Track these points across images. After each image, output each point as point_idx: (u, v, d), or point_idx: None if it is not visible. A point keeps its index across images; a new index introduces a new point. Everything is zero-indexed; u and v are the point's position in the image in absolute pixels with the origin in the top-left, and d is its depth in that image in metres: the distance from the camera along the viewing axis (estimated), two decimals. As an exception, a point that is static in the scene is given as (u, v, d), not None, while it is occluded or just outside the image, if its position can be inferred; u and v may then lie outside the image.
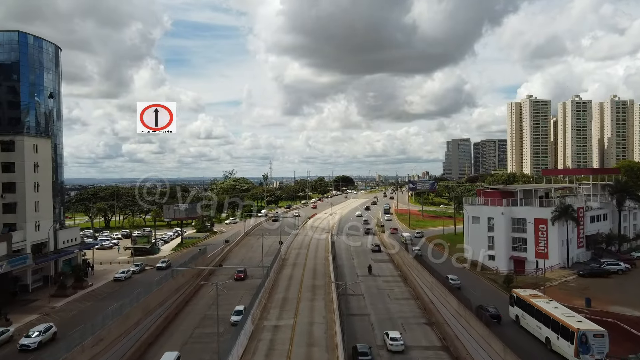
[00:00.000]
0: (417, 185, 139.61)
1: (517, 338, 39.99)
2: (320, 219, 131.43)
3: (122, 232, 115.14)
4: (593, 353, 35.65)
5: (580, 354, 35.79)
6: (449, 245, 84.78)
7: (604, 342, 35.82)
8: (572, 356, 36.35)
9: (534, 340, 41.99)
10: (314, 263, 74.61)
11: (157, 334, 44.37)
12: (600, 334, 36.10)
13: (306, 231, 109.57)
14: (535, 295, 45.52)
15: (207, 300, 57.31)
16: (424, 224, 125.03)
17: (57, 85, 69.84)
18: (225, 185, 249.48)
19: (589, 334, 35.95)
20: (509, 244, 69.37)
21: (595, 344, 35.76)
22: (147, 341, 41.97)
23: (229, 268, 68.84)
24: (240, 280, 64.92)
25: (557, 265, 63.99)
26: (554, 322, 39.40)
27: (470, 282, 62.44)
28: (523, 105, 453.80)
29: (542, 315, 41.34)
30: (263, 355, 38.30)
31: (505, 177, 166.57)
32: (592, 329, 36.60)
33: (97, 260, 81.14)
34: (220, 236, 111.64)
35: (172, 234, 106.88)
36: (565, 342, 37.29)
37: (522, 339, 40.79)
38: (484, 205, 73.64)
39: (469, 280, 62.91)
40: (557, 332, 38.79)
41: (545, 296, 46.54)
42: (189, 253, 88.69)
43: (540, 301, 43.20)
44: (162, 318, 48.48)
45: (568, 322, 37.76)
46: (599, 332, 36.25)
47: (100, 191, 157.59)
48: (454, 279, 61.50)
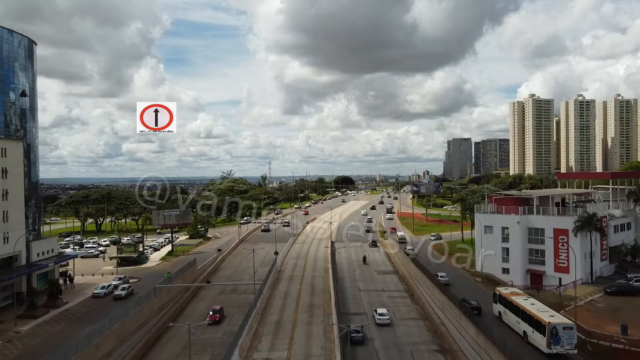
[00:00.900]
0: (420, 187, 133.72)
1: (499, 332, 42.07)
2: (317, 227, 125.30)
3: (111, 238, 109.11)
4: (563, 344, 38.89)
5: (552, 345, 39.00)
6: (457, 255, 79.00)
7: (572, 334, 39.07)
8: (545, 347, 39.52)
9: (514, 334, 45.11)
10: (312, 276, 68.74)
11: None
12: (569, 326, 39.40)
13: (304, 238, 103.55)
14: (516, 293, 48.78)
15: (195, 320, 51.52)
16: (429, 229, 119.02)
17: (31, 83, 63.90)
18: (223, 186, 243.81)
19: (559, 327, 39.12)
20: (525, 256, 63.54)
21: (564, 336, 38.88)
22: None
23: (217, 285, 62.42)
24: (215, 324, 48.95)
25: (580, 281, 58.09)
26: (529, 317, 42.65)
27: (485, 300, 56.59)
28: (525, 105, 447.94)
29: (520, 311, 44.64)
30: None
31: (511, 179, 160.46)
32: (561, 322, 39.94)
33: (79, 271, 75.27)
34: (214, 243, 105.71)
35: (162, 241, 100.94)
36: (539, 335, 40.47)
37: (503, 333, 43.20)
38: (497, 213, 67.73)
39: (482, 298, 57.05)
40: (532, 326, 41.95)
41: (524, 294, 49.29)
42: (179, 263, 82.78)
43: (519, 298, 46.51)
44: (140, 344, 42.69)
45: (541, 316, 41.00)
46: (567, 325, 39.55)
47: (92, 194, 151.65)
48: (443, 276, 64.90)
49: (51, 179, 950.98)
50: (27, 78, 62.66)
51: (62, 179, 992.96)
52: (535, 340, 41.34)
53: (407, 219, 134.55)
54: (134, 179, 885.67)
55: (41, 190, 78.01)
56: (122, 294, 59.37)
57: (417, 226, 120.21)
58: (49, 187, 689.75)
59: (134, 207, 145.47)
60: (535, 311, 42.42)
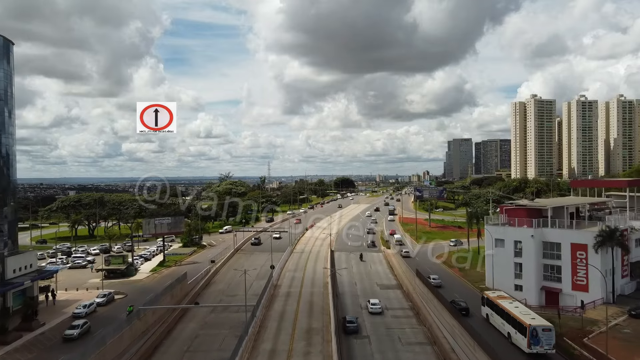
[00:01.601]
0: (423, 192, 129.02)
1: (486, 333, 45.72)
2: (315, 235, 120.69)
3: (101, 246, 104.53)
4: (542, 344, 41.22)
5: (532, 345, 41.45)
6: (466, 268, 74.58)
7: (551, 336, 41.36)
8: (526, 347, 41.87)
9: (500, 335, 47.31)
10: (311, 292, 64.15)
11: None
12: (548, 328, 41.59)
13: (303, 247, 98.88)
14: (502, 297, 51.08)
15: (181, 345, 47.15)
16: (432, 236, 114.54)
17: (7, 83, 59.48)
18: (220, 188, 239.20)
19: (538, 329, 41.41)
20: (539, 272, 59.00)
21: (544, 337, 41.17)
22: None
23: (205, 307, 57.53)
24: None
25: (600, 301, 53.65)
26: (513, 319, 44.91)
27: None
28: (527, 105, 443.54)
29: (505, 313, 46.86)
30: None
31: (516, 183, 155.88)
32: (541, 324, 41.96)
33: (63, 285, 70.89)
34: (209, 251, 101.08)
35: (154, 250, 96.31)
36: (521, 336, 42.76)
37: (490, 334, 46.51)
38: (509, 225, 63.21)
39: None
40: (515, 327, 44.25)
41: (509, 297, 51.93)
42: (170, 275, 78.40)
43: (504, 301, 48.81)
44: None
45: (523, 319, 43.20)
46: (547, 327, 41.71)
47: (84, 198, 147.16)
48: (435, 279, 67.78)
49: (51, 179, 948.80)
50: (2, 78, 58.14)
51: (61, 178, 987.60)
52: (518, 340, 43.69)
53: (410, 225, 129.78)
54: (134, 179, 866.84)
55: (17, 196, 73.10)
56: (74, 333, 47.68)
57: (419, 232, 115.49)
58: (48, 187, 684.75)
59: (128, 212, 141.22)
60: (518, 314, 44.82)
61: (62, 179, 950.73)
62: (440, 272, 74.65)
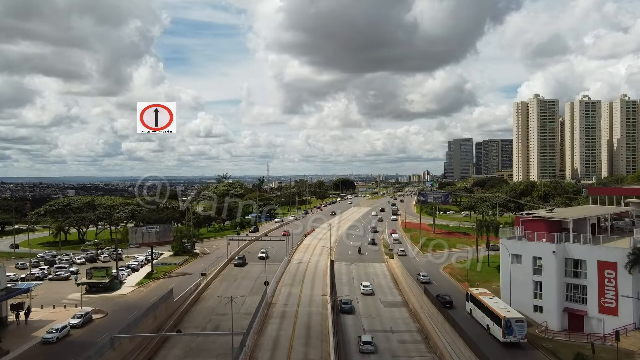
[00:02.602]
0: (427, 197, 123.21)
1: (469, 325, 49.95)
2: (314, 244, 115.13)
3: (88, 254, 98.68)
4: (515, 334, 45.50)
5: (506, 335, 45.64)
6: (477, 284, 68.83)
7: (523, 326, 45.71)
8: (501, 337, 46.08)
9: (481, 327, 51.38)
10: (309, 312, 58.38)
11: None
12: (520, 320, 46.07)
13: (301, 256, 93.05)
14: (483, 293, 55.25)
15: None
16: (438, 244, 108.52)
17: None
18: (218, 190, 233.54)
19: (512, 320, 45.77)
20: (561, 292, 53.25)
21: (517, 327, 45.52)
22: None
23: (188, 335, 51.43)
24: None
25: (632, 326, 48.01)
26: (491, 312, 49.16)
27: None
28: (530, 105, 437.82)
29: (484, 307, 51.14)
30: None
31: (523, 187, 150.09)
32: (514, 316, 46.41)
33: (40, 301, 65.20)
34: (201, 260, 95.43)
35: (142, 259, 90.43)
36: (497, 327, 46.97)
37: (472, 326, 50.88)
38: (527, 240, 57.40)
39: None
40: (493, 319, 48.51)
41: (490, 293, 55.33)
42: (157, 289, 72.80)
43: (485, 297, 53.10)
44: None
45: (499, 311, 47.50)
46: (519, 319, 46.20)
47: (74, 201, 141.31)
48: (424, 275, 73.09)
49: (51, 178, 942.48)
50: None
51: (61, 177, 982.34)
52: (495, 331, 48.02)
53: (414, 231, 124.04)
54: (134, 178, 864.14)
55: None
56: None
57: (424, 239, 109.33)
58: (48, 186, 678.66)
59: (119, 216, 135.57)
60: (496, 307, 49.16)
61: (62, 178, 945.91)
62: (448, 288, 68.98)
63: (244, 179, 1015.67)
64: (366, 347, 46.50)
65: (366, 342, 47.01)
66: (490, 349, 43.74)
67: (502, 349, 45.75)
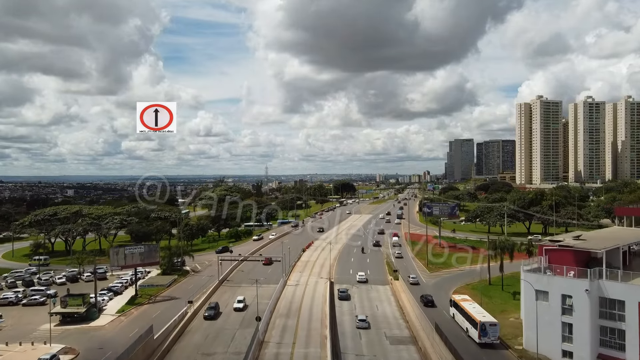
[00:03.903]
0: (433, 209, 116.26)
1: (452, 328, 56.83)
2: (313, 260, 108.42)
3: (70, 272, 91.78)
4: (489, 336, 52.37)
5: (482, 337, 52.39)
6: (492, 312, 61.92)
7: (496, 330, 52.66)
8: (477, 338, 52.75)
9: (461, 330, 57.17)
10: (305, 354, 51.52)
11: None
12: (494, 323, 52.94)
13: (298, 276, 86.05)
14: (464, 300, 60.42)
15: None
16: (446, 261, 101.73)
17: None
18: (215, 195, 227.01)
19: (486, 324, 52.55)
20: (595, 336, 46.56)
21: (490, 330, 52.35)
22: None
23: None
24: None
25: (681, 380, 41.21)
26: (469, 317, 55.44)
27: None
28: (533, 106, 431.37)
29: (464, 312, 57.04)
30: None
31: (532, 195, 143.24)
32: (488, 320, 53.13)
33: (7, 335, 58.75)
34: (191, 280, 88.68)
35: (127, 281, 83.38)
36: (474, 330, 53.55)
37: (454, 329, 57.46)
38: (551, 272, 50.68)
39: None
40: (471, 323, 54.75)
41: (470, 299, 60.77)
42: (140, 318, 66.32)
43: (465, 303, 58.73)
44: None
45: (476, 316, 54.04)
46: (492, 322, 53.01)
47: (60, 211, 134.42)
48: (413, 277, 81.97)
49: (50, 177, 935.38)
50: None
51: (61, 177, 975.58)
52: (472, 334, 53.95)
53: (418, 244, 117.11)
54: (134, 177, 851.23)
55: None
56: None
57: (429, 254, 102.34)
58: (47, 186, 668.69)
59: (108, 227, 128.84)
60: (473, 312, 55.07)
61: (61, 177, 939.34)
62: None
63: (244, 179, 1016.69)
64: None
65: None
66: (468, 350, 50.98)
67: (478, 349, 52.23)
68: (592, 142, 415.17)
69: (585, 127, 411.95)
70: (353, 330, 59.27)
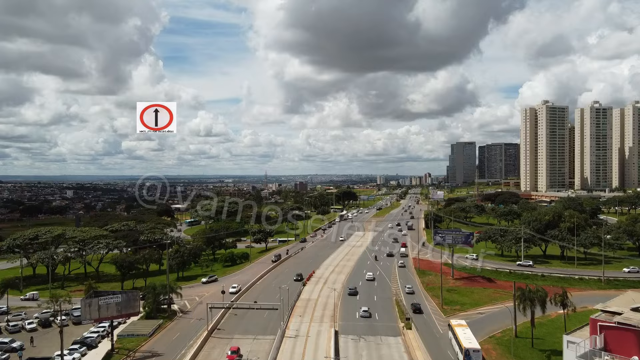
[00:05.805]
0: (446, 237, 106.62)
1: (448, 351, 62.10)
2: (314, 298, 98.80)
3: (43, 313, 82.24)
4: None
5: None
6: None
7: (479, 355, 55.77)
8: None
9: (454, 353, 60.43)
10: None
11: None
12: (477, 349, 56.08)
13: (298, 324, 76.16)
14: (459, 325, 64.22)
15: None
16: (459, 296, 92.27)
17: None
18: (212, 207, 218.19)
19: (470, 350, 55.64)
20: None
21: (474, 355, 55.29)
22: None
23: None
24: None
25: None
26: (458, 342, 59.12)
27: None
28: (538, 112, 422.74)
29: (456, 337, 60.64)
30: None
31: (549, 218, 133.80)
32: (472, 347, 56.22)
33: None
34: (178, 324, 79.11)
35: (105, 328, 73.67)
36: (462, 355, 56.56)
37: (449, 352, 61.79)
38: (608, 352, 41.22)
39: None
40: (459, 348, 58.40)
41: (465, 325, 64.28)
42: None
43: (459, 328, 62.43)
44: None
45: (463, 342, 57.58)
46: (476, 349, 56.12)
47: (42, 234, 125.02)
48: (409, 287, 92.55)
49: (50, 177, 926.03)
50: None
51: (61, 176, 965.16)
52: (459, 358, 57.68)
53: (429, 274, 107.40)
54: (134, 177, 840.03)
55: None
56: None
57: (441, 289, 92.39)
58: (46, 186, 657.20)
59: (93, 251, 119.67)
60: (463, 338, 58.67)
61: (61, 177, 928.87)
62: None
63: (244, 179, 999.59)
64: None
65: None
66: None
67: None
68: (599, 149, 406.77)
69: (592, 132, 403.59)
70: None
